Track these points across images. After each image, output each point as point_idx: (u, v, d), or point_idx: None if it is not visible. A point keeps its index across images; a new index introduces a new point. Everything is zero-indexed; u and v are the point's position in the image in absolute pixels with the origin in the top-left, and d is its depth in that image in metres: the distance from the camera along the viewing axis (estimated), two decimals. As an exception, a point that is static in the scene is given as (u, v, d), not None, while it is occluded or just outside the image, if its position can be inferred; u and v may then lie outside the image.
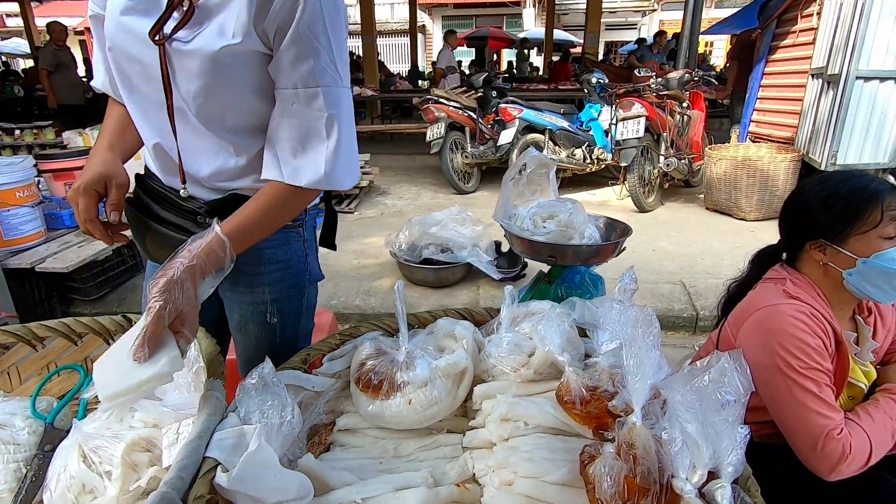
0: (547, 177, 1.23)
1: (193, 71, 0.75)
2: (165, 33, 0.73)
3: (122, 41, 0.77)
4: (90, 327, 0.89)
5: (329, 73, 0.77)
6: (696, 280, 2.80)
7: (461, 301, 2.64)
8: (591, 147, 4.60)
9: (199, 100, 0.77)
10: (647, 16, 19.58)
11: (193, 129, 0.81)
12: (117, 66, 0.80)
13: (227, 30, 0.74)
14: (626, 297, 0.77)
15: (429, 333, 0.91)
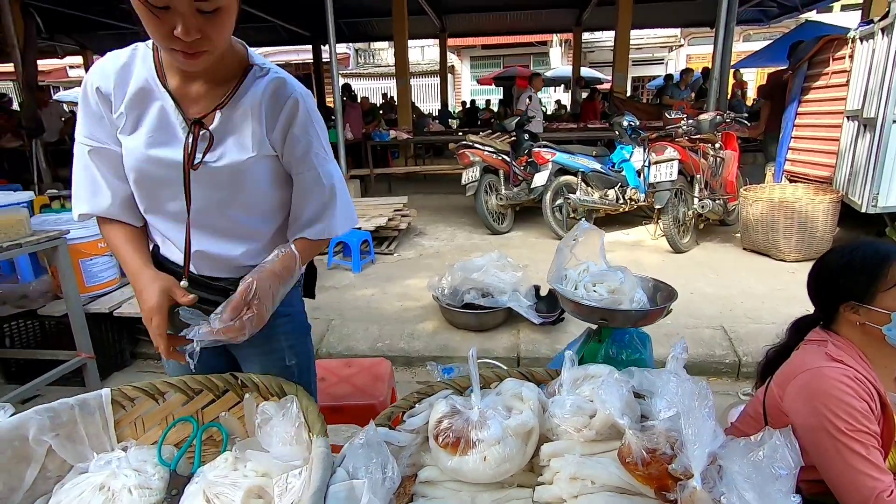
0: (597, 243, 1.34)
1: (221, 182, 0.93)
2: (197, 159, 0.90)
3: (151, 170, 0.92)
4: (203, 384, 1.03)
5: (321, 155, 0.98)
6: (737, 324, 2.80)
7: (502, 345, 2.73)
8: (623, 188, 4.69)
9: (224, 202, 0.95)
10: (675, 51, 19.79)
11: (215, 227, 0.97)
12: (144, 190, 0.95)
13: (247, 145, 0.93)
14: (679, 367, 0.86)
15: (497, 394, 1.01)
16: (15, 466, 0.89)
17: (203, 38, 0.79)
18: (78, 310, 2.39)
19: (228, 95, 0.91)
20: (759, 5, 11.68)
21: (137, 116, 0.91)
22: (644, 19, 12.53)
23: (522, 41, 17.91)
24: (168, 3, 0.75)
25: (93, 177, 0.95)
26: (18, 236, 2.13)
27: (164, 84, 0.90)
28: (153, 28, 0.78)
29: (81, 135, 0.93)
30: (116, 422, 1.00)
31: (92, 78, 0.91)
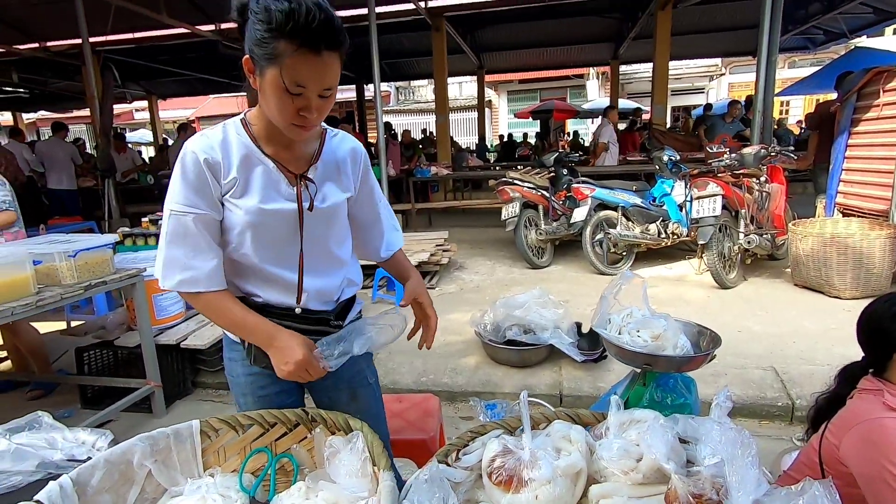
0: (640, 290, 1.39)
1: (325, 222, 1.13)
2: (307, 205, 1.09)
3: (267, 221, 1.05)
4: (277, 418, 1.14)
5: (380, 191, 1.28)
6: (789, 365, 2.72)
7: (544, 382, 2.75)
8: (665, 222, 4.66)
9: (325, 237, 1.14)
10: (716, 80, 19.56)
11: (319, 261, 1.15)
12: (259, 240, 1.07)
13: (342, 188, 1.16)
14: (722, 415, 0.90)
15: (547, 435, 1.07)
16: (121, 487, 1.02)
17: (318, 115, 0.97)
18: (149, 341, 2.60)
19: (317, 154, 1.12)
20: (804, 33, 11.50)
21: (247, 178, 1.04)
22: (682, 51, 12.55)
23: (559, 75, 18.20)
24: (302, 91, 0.92)
25: (203, 246, 1.03)
26: (104, 274, 2.37)
27: (263, 151, 1.06)
28: (283, 107, 0.94)
29: (179, 203, 1.00)
30: (203, 450, 1.12)
31: (196, 151, 1.00)
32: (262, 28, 0.88)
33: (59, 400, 2.90)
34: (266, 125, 1.05)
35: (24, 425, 1.29)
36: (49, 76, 12.02)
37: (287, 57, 0.88)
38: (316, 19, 0.86)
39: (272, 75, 0.91)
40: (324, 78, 0.92)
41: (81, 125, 21.70)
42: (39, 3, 8.36)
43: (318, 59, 0.90)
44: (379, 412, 1.34)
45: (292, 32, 0.86)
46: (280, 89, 0.92)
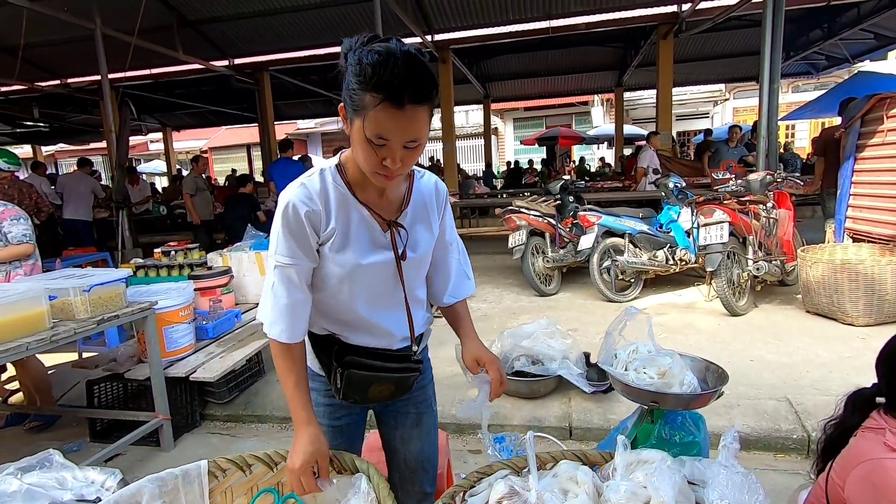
0: (645, 326, 1.40)
1: (418, 265, 1.18)
2: (403, 253, 1.13)
3: (368, 273, 1.10)
4: (283, 457, 1.15)
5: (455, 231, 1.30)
6: (803, 396, 2.67)
7: (553, 414, 2.71)
8: (673, 248, 4.66)
9: (420, 279, 1.21)
10: (720, 105, 19.73)
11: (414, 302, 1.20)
12: (364, 291, 1.12)
13: (431, 231, 1.19)
14: (730, 457, 0.90)
15: (553, 476, 1.06)
16: (129, 530, 1.03)
17: (403, 166, 0.98)
18: (159, 374, 2.61)
19: (407, 198, 1.14)
20: (806, 58, 11.64)
21: (345, 229, 1.07)
22: (685, 77, 12.73)
23: (564, 102, 18.49)
24: (386, 144, 0.93)
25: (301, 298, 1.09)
26: (117, 308, 2.41)
27: (357, 197, 1.08)
28: (368, 157, 0.96)
29: (284, 255, 1.05)
30: (210, 490, 1.12)
31: (296, 203, 1.03)
32: (353, 79, 0.92)
33: (69, 433, 2.91)
34: (359, 172, 1.06)
35: (36, 464, 1.30)
36: (68, 110, 12.45)
37: (371, 109, 0.90)
38: (400, 74, 0.88)
39: (357, 126, 0.94)
40: (407, 131, 0.93)
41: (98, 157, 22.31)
42: (61, 42, 8.74)
43: (401, 113, 0.90)
44: (436, 439, 1.37)
45: (377, 86, 0.88)
46: (364, 140, 0.94)
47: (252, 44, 9.40)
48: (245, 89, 10.81)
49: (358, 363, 1.15)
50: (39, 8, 6.00)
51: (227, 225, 6.72)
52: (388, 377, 1.18)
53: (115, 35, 6.77)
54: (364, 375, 1.15)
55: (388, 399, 1.23)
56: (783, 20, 5.21)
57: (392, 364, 1.18)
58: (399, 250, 1.11)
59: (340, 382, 1.15)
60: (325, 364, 1.20)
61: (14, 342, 1.93)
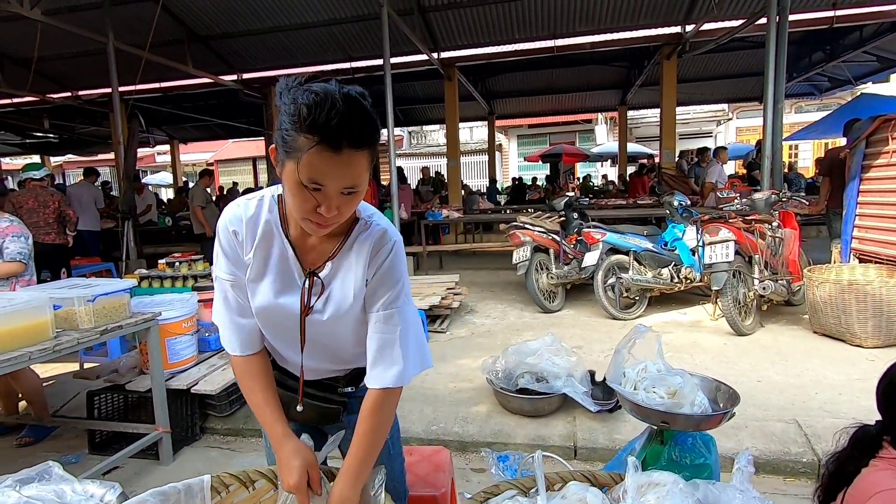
0: (654, 345, 1.38)
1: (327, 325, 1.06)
2: (309, 307, 1.04)
3: (275, 315, 1.05)
4: (287, 474, 1.12)
5: (402, 297, 1.04)
6: (812, 418, 2.62)
7: (558, 432, 2.67)
8: (677, 266, 4.64)
9: (330, 338, 1.09)
10: (723, 124, 19.85)
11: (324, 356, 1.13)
12: (269, 329, 1.09)
13: (349, 293, 1.02)
14: (745, 481, 0.88)
15: (562, 497, 1.04)
16: (129, 545, 1.00)
17: (338, 214, 0.89)
18: (160, 386, 2.59)
19: (338, 248, 1.02)
20: (810, 80, 11.74)
21: (263, 259, 1.02)
22: (689, 97, 12.85)
23: (568, 119, 18.63)
24: (321, 188, 0.85)
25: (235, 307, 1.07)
26: (120, 318, 2.41)
27: (286, 232, 1.01)
28: (300, 203, 0.87)
29: (222, 270, 1.05)
30: (212, 507, 1.10)
31: (227, 222, 1.02)
32: (286, 119, 0.84)
33: (68, 444, 2.88)
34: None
35: (35, 476, 1.28)
36: (78, 122, 12.62)
37: (304, 152, 0.83)
38: (339, 115, 0.81)
39: (290, 169, 0.86)
40: (344, 177, 0.85)
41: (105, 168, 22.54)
42: (73, 56, 8.90)
43: (337, 158, 0.83)
44: (393, 468, 1.24)
45: (311, 127, 0.81)
46: (297, 184, 0.85)
47: (260, 59, 9.55)
48: (252, 103, 10.95)
49: (281, 381, 1.17)
50: (54, 22, 6.11)
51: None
52: (307, 402, 1.16)
53: (126, 49, 6.89)
54: (284, 394, 1.15)
55: (318, 422, 1.21)
56: (787, 42, 5.27)
57: (312, 391, 1.16)
58: (305, 303, 1.02)
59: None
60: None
61: (17, 351, 1.92)
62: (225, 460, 2.69)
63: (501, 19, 8.29)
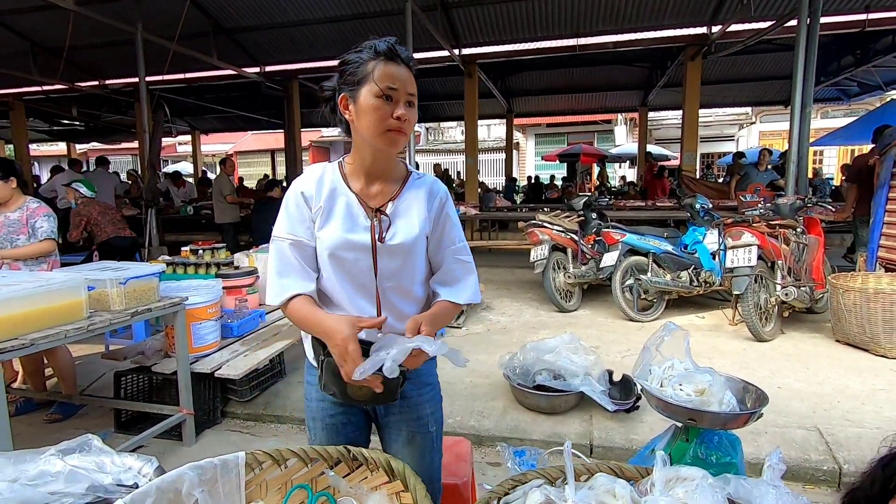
0: (682, 343, 1.38)
1: (396, 255, 1.18)
2: (381, 237, 1.16)
3: (346, 250, 1.15)
4: (319, 454, 1.15)
5: (459, 234, 1.27)
6: (834, 427, 2.59)
7: (574, 430, 2.68)
8: (697, 270, 4.60)
9: (399, 270, 1.19)
10: (746, 128, 19.52)
11: (393, 292, 1.20)
12: (341, 267, 1.17)
13: (414, 227, 1.18)
14: (776, 477, 0.88)
15: (590, 488, 1.05)
16: (168, 516, 1.04)
17: (408, 123, 1.11)
18: (186, 369, 2.66)
19: (398, 191, 1.20)
20: (837, 84, 11.48)
21: (331, 208, 1.17)
22: (712, 99, 12.64)
23: (587, 119, 18.49)
24: (395, 95, 1.09)
25: (296, 265, 1.17)
26: (150, 302, 2.47)
27: (349, 186, 1.19)
28: (379, 116, 1.08)
29: (284, 231, 1.17)
30: (246, 482, 1.13)
31: (298, 187, 1.19)
32: (353, 66, 1.10)
33: (95, 422, 2.97)
34: (356, 163, 1.19)
35: (76, 447, 1.33)
36: (103, 110, 12.87)
37: (376, 69, 1.08)
38: (387, 44, 1.10)
39: (365, 91, 1.09)
40: (407, 82, 1.10)
41: (127, 156, 22.95)
42: (102, 45, 9.08)
43: (398, 67, 1.09)
44: (433, 461, 1.31)
45: (375, 53, 1.09)
46: (375, 95, 1.08)
47: (283, 52, 9.64)
48: (273, 96, 11.06)
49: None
50: (86, 12, 6.24)
51: (253, 227, 6.84)
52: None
53: (154, 40, 7.01)
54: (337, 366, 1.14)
55: (371, 401, 1.19)
56: (817, 45, 5.16)
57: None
58: (377, 234, 1.16)
59: (321, 371, 1.16)
60: (316, 353, 1.21)
61: (53, 329, 1.99)
62: (245, 444, 2.75)
63: (524, 17, 8.24)
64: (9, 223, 2.91)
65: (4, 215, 2.91)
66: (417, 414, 1.26)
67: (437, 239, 1.23)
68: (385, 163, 1.19)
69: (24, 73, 8.88)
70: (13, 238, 2.90)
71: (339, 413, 1.26)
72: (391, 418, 1.27)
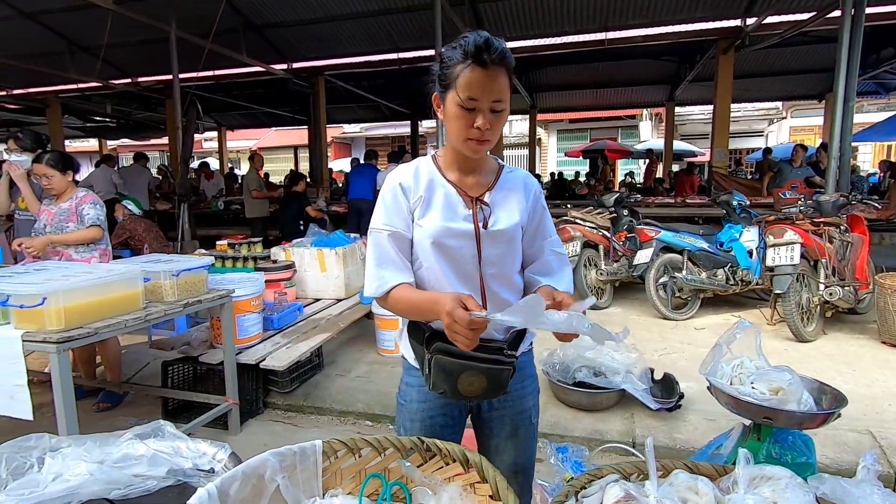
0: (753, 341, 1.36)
1: (499, 242, 1.19)
2: (485, 224, 1.18)
3: (447, 238, 1.17)
4: (392, 443, 1.17)
5: (553, 226, 1.30)
6: (887, 430, 2.52)
7: (615, 428, 2.66)
8: (733, 268, 4.52)
9: (501, 257, 1.20)
10: (776, 123, 19.01)
11: (496, 281, 1.21)
12: (442, 258, 1.17)
13: (514, 215, 1.21)
14: (873, 478, 0.86)
15: (669, 485, 1.04)
16: (251, 500, 1.07)
17: (490, 130, 1.09)
18: (232, 360, 2.71)
19: (494, 181, 1.23)
20: (876, 77, 11.10)
21: (430, 198, 1.19)
22: (742, 93, 12.31)
23: (611, 115, 18.23)
24: (476, 106, 1.07)
25: (394, 256, 1.18)
26: (199, 293, 2.53)
27: (445, 177, 1.21)
28: (461, 125, 1.09)
29: (381, 223, 1.19)
30: (322, 469, 1.16)
31: (396, 179, 1.20)
32: (444, 66, 1.10)
33: (142, 410, 3.05)
34: (449, 156, 1.22)
35: (150, 432, 1.37)
36: (134, 107, 13.18)
37: (461, 75, 1.07)
38: (481, 40, 1.05)
39: (450, 98, 1.09)
40: (492, 89, 1.06)
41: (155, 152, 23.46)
42: (135, 44, 9.28)
43: (485, 73, 1.05)
44: (533, 452, 1.34)
45: (464, 54, 1.06)
46: (456, 107, 1.08)
47: (311, 48, 9.72)
48: (299, 92, 11.17)
49: (446, 349, 1.14)
50: (123, 11, 6.39)
51: (282, 221, 6.94)
52: (478, 367, 1.14)
53: (187, 38, 7.13)
54: (452, 363, 1.14)
55: (482, 395, 1.19)
56: (861, 36, 5.00)
57: (481, 354, 1.15)
58: (480, 223, 1.17)
59: (429, 370, 1.16)
60: (418, 353, 1.22)
61: (115, 318, 2.06)
62: (288, 434, 2.80)
63: (552, 11, 8.15)
64: (60, 212, 3.00)
65: (58, 206, 3.01)
66: (522, 407, 1.27)
67: (532, 230, 1.24)
68: (476, 159, 1.20)
69: (61, 72, 9.14)
70: (63, 226, 2.99)
71: (439, 414, 1.27)
72: (495, 413, 1.28)
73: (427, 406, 1.28)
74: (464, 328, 0.99)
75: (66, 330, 1.89)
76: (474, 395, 1.17)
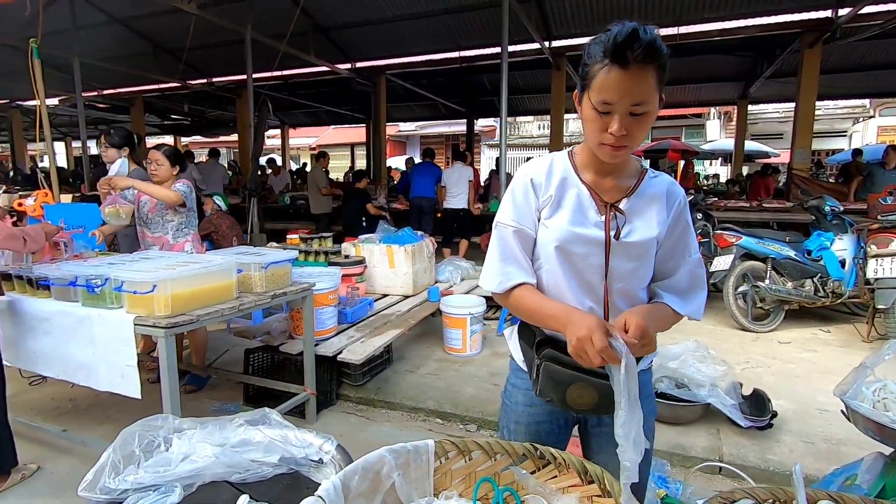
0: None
1: (631, 255, 1.10)
2: (617, 235, 1.09)
3: (572, 244, 1.10)
4: (504, 448, 1.15)
5: (694, 246, 1.16)
6: None
7: (700, 444, 2.53)
8: (823, 279, 4.19)
9: (630, 272, 1.11)
10: (862, 122, 17.54)
11: (620, 296, 1.13)
12: (566, 263, 1.12)
13: (652, 226, 1.11)
14: None
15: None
16: (369, 494, 1.08)
17: (628, 136, 0.98)
18: (311, 351, 2.80)
19: (634, 187, 1.12)
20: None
21: (560, 198, 1.12)
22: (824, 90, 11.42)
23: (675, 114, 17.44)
24: (610, 109, 0.97)
25: (518, 254, 1.14)
26: (284, 286, 2.62)
27: (580, 178, 1.13)
28: (594, 129, 1.00)
29: (508, 218, 1.14)
30: (433, 469, 1.16)
31: (527, 174, 1.14)
32: (586, 64, 1.00)
33: (225, 394, 3.21)
34: (586, 155, 1.13)
35: (259, 419, 1.42)
36: (207, 106, 13.95)
37: (598, 75, 0.96)
38: (625, 34, 0.91)
39: (585, 100, 1.00)
40: (631, 93, 0.94)
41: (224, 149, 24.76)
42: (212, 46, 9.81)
43: (625, 73, 0.93)
44: (646, 477, 1.25)
45: (604, 52, 0.95)
46: (591, 110, 0.99)
47: (374, 48, 9.91)
48: (359, 91, 11.42)
49: (557, 357, 1.09)
50: (205, 14, 6.75)
51: (344, 217, 7.12)
52: (589, 380, 1.07)
53: (262, 40, 7.45)
54: (562, 373, 1.08)
55: (591, 410, 1.11)
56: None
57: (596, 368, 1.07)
58: (612, 232, 1.08)
59: (537, 375, 1.11)
60: (528, 356, 1.18)
61: (214, 307, 2.16)
62: (362, 426, 2.86)
63: (622, 5, 7.88)
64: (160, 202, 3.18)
65: None
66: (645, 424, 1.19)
67: (670, 245, 1.13)
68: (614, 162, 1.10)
69: (146, 73, 9.80)
70: (164, 213, 3.16)
71: (545, 421, 1.23)
72: (605, 429, 1.21)
73: (533, 411, 1.25)
74: (595, 353, 0.95)
75: (173, 316, 2.00)
76: (583, 408, 1.11)
